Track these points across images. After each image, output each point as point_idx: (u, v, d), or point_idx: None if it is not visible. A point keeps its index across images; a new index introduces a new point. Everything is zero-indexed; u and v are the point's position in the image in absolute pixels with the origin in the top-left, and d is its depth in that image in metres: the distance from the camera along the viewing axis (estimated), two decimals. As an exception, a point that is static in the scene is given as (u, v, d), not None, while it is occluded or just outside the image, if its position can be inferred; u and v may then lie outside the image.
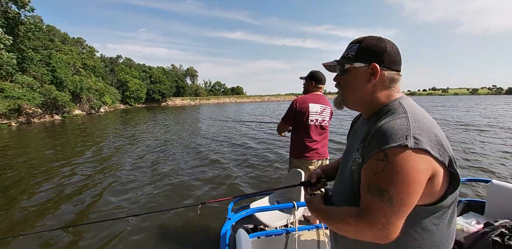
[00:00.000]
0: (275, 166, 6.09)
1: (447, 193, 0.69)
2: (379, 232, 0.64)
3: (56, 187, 4.92)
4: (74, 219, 3.61)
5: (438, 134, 0.68)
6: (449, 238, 0.75)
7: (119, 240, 3.08)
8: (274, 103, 61.36)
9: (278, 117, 17.82)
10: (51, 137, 12.02)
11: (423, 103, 44.58)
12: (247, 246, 1.36)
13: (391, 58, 0.79)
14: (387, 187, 0.64)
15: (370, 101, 0.82)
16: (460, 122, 13.71)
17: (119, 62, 58.93)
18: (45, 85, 20.73)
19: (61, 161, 6.93)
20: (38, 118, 19.08)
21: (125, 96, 47.97)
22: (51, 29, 33.25)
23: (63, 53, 27.50)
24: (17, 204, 4.11)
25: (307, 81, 2.49)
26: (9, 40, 15.27)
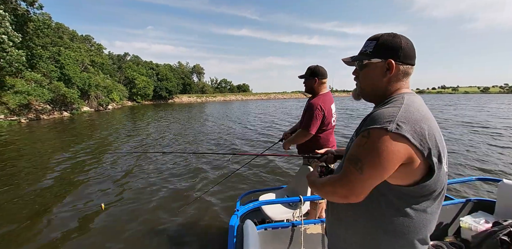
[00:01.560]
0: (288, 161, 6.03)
1: (421, 180, 0.78)
2: (347, 192, 0.79)
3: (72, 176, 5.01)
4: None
5: (425, 127, 0.75)
6: (425, 226, 0.84)
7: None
8: (280, 101, 60.89)
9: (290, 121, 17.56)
10: (60, 132, 12.23)
11: (433, 101, 43.56)
12: (254, 235, 1.41)
13: (406, 53, 0.86)
14: (362, 158, 0.76)
15: (383, 94, 0.91)
16: (472, 123, 13.30)
17: (127, 59, 59.53)
18: (53, 82, 21.06)
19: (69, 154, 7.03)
20: (47, 115, 19.44)
21: (133, 94, 48.45)
22: (59, 26, 33.73)
23: (71, 50, 27.89)
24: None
25: (308, 80, 2.32)
26: (18, 37, 15.52)
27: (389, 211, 0.83)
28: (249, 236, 1.38)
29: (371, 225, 0.86)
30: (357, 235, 0.91)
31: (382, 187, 0.81)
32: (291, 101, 51.68)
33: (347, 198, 0.80)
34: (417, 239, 0.85)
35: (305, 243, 1.81)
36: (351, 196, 0.79)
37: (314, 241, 1.88)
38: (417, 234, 0.84)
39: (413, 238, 0.84)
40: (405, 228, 0.82)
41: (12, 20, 16.13)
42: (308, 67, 2.32)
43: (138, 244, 2.91)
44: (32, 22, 18.53)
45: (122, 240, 3.00)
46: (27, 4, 18.13)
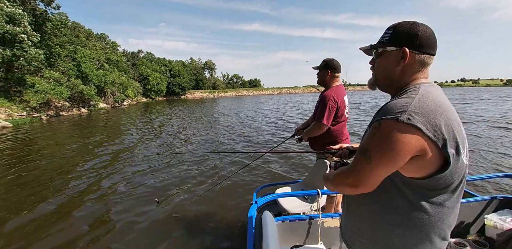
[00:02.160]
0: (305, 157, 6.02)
1: (436, 173, 0.74)
2: (355, 181, 0.79)
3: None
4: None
5: (441, 118, 0.72)
6: (442, 221, 0.81)
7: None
8: (291, 95, 60.36)
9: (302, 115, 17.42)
10: (80, 128, 12.68)
11: (453, 95, 41.72)
12: (272, 226, 1.42)
13: (423, 42, 0.82)
14: (371, 148, 0.76)
15: (398, 83, 0.88)
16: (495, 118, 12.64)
17: (140, 56, 60.58)
18: (71, 79, 21.78)
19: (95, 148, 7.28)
20: (66, 112, 20.19)
21: (147, 90, 49.45)
22: (76, 25, 34.69)
23: (87, 48, 28.69)
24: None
25: (322, 71, 2.33)
26: (36, 37, 16.09)
27: (404, 204, 0.81)
28: (268, 227, 1.39)
29: (386, 218, 0.85)
30: (372, 229, 0.89)
31: (397, 180, 0.81)
32: (303, 96, 50.96)
33: (356, 187, 0.80)
34: (434, 234, 0.82)
35: (322, 237, 1.81)
36: (359, 186, 0.79)
37: (331, 234, 1.87)
38: (434, 228, 0.81)
39: (430, 232, 0.81)
40: (420, 222, 0.80)
41: (31, 20, 16.72)
42: (324, 60, 2.33)
43: (154, 234, 3.01)
44: (50, 22, 19.12)
45: (140, 229, 3.13)
46: (45, 4, 18.70)
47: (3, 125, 12.72)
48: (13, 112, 15.03)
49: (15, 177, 5.11)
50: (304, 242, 1.90)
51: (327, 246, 1.85)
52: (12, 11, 14.62)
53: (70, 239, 2.96)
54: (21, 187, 4.56)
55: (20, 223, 3.31)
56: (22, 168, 5.71)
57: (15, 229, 3.17)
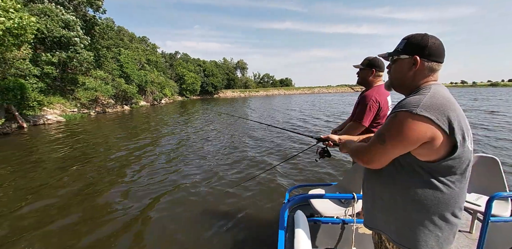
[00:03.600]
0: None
1: (447, 155, 0.88)
2: (369, 158, 0.99)
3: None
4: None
5: (449, 111, 0.87)
6: (453, 198, 0.93)
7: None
8: (321, 95, 58.60)
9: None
10: (123, 123, 13.67)
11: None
12: (305, 226, 1.42)
13: (432, 51, 0.97)
14: (385, 133, 0.93)
15: (410, 86, 1.03)
16: None
17: (177, 57, 63.65)
18: (116, 79, 23.64)
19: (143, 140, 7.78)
20: (111, 108, 21.99)
21: (182, 89, 51.86)
22: (120, 29, 37.57)
23: (130, 50, 30.92)
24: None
25: (364, 70, 2.22)
26: (87, 40, 17.70)
27: (420, 184, 0.93)
28: (300, 226, 1.38)
29: (405, 196, 0.97)
30: (393, 209, 1.01)
31: (413, 164, 0.93)
32: (339, 96, 49.15)
33: (368, 164, 1.01)
34: (448, 211, 0.94)
35: (356, 243, 1.73)
36: (371, 163, 0.99)
37: (366, 241, 1.79)
38: (448, 206, 0.93)
39: (444, 210, 0.93)
40: (436, 200, 0.92)
41: (82, 25, 18.43)
42: (366, 58, 2.23)
43: (187, 225, 3.15)
44: (98, 26, 20.92)
45: (175, 217, 3.33)
46: (93, 10, 20.50)
47: (58, 119, 14.23)
48: (66, 109, 16.76)
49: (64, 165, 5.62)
50: (337, 246, 1.84)
51: None
52: (68, 18, 16.26)
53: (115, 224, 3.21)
54: (79, 177, 4.99)
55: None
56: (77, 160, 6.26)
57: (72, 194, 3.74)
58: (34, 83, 13.01)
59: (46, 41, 15.72)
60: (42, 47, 16.07)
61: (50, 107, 15.12)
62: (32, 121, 12.73)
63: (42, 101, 13.04)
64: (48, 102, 14.50)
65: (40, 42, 15.69)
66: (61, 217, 3.33)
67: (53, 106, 15.69)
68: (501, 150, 6.06)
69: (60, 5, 17.43)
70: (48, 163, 5.87)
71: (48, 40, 15.64)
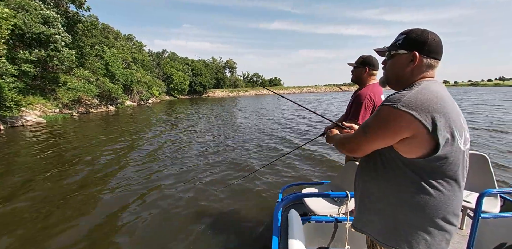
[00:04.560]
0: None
1: (430, 154, 0.86)
2: (352, 147, 1.03)
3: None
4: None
5: (436, 106, 0.84)
6: (445, 203, 0.89)
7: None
8: (311, 95, 59.24)
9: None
10: (108, 124, 13.23)
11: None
12: (298, 224, 1.41)
13: (431, 48, 0.94)
14: (369, 124, 0.95)
15: (406, 82, 0.99)
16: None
17: (165, 56, 62.51)
18: (100, 78, 22.88)
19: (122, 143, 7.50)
20: (95, 109, 21.27)
21: (170, 89, 51.00)
22: (105, 27, 36.44)
23: (115, 48, 30.02)
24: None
25: (358, 68, 2.22)
26: (69, 38, 17.03)
27: (407, 183, 0.91)
28: (293, 225, 1.38)
29: (393, 195, 0.95)
30: (380, 206, 1.00)
31: (398, 160, 0.92)
32: (327, 95, 49.83)
33: (351, 152, 1.04)
34: (437, 216, 0.90)
35: (350, 241, 1.74)
36: (353, 151, 1.02)
37: (359, 239, 1.76)
38: (437, 210, 0.89)
39: (433, 214, 0.89)
40: (423, 202, 0.89)
41: (63, 22, 17.71)
42: (360, 56, 2.24)
43: (178, 225, 3.12)
44: (81, 24, 20.18)
45: (165, 218, 3.29)
46: (76, 6, 19.75)
47: (38, 120, 13.60)
48: (47, 109, 16.06)
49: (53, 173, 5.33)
50: (330, 245, 1.83)
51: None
52: (47, 13, 15.56)
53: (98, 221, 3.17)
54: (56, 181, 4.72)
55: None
56: (60, 165, 5.95)
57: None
58: (11, 82, 12.36)
59: (25, 38, 14.98)
60: (21, 45, 15.31)
61: (29, 108, 14.43)
62: (10, 123, 12.10)
63: (20, 101, 12.43)
64: (27, 103, 13.84)
65: (18, 39, 14.94)
66: (33, 223, 3.13)
67: (33, 107, 14.99)
68: (482, 147, 6.24)
69: (40, 0, 16.67)
70: (23, 167, 5.55)
71: (27, 37, 14.90)
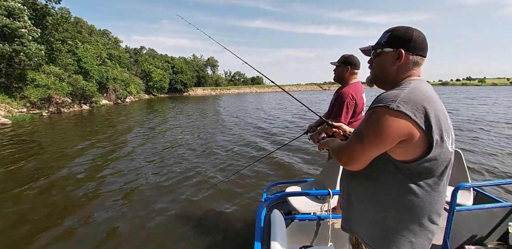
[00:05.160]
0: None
1: (424, 155, 0.84)
2: (347, 159, 0.92)
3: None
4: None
5: (428, 107, 0.83)
6: (430, 203, 0.89)
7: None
8: (294, 93, 60.07)
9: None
10: (80, 125, 12.56)
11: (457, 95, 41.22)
12: (281, 225, 1.41)
13: (416, 45, 0.94)
14: (364, 130, 0.88)
15: (393, 80, 0.99)
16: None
17: (143, 53, 60.37)
18: (72, 75, 21.62)
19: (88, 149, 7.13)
20: (67, 108, 20.07)
21: (149, 87, 49.23)
22: (78, 21, 34.47)
23: (89, 43, 28.48)
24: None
25: (340, 67, 2.27)
26: (37, 32, 15.94)
27: (395, 186, 0.90)
28: (276, 226, 1.38)
29: (380, 198, 0.94)
30: (367, 208, 0.98)
31: (389, 163, 0.89)
32: (307, 94, 50.73)
33: (348, 164, 0.94)
34: (423, 216, 0.90)
35: (333, 238, 1.77)
36: (351, 163, 0.92)
37: (342, 236, 1.81)
38: (423, 210, 0.89)
39: (419, 214, 0.89)
40: (410, 203, 0.88)
41: (31, 14, 16.55)
42: (342, 55, 2.28)
43: (162, 229, 3.04)
44: (51, 17, 18.95)
45: (147, 225, 3.15)
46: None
47: (2, 121, 12.63)
48: (13, 109, 14.96)
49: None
50: (314, 243, 1.86)
51: (337, 248, 1.81)
52: (12, 5, 14.45)
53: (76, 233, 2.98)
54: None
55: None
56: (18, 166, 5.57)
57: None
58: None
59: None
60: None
61: (-8, 107, 13.37)
62: (-31, 124, 11.15)
63: (-19, 100, 11.46)
64: (-11, 102, 12.80)
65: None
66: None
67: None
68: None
69: (3, -9, 15.43)
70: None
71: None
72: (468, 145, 6.68)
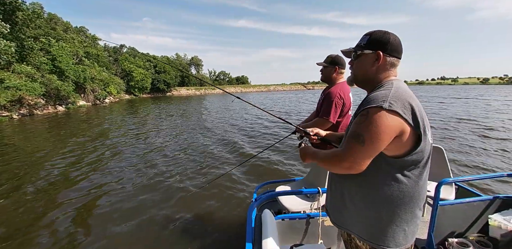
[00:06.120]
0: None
1: (413, 149, 0.91)
2: (349, 164, 0.91)
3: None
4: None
5: (413, 104, 0.90)
6: (417, 191, 0.96)
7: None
8: (279, 93, 60.57)
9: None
10: (53, 128, 11.90)
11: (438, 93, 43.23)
12: (272, 224, 1.42)
13: (393, 47, 1.02)
14: (363, 132, 0.89)
15: (373, 80, 1.05)
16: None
17: (123, 51, 58.33)
18: (46, 75, 20.42)
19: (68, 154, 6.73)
20: (41, 110, 18.90)
21: (130, 87, 47.65)
22: (52, 17, 32.71)
23: (64, 41, 27.04)
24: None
25: (328, 68, 2.29)
26: (6, 28, 14.93)
27: (387, 180, 0.95)
28: (267, 225, 1.38)
29: (372, 192, 0.98)
30: (362, 208, 1.01)
31: (380, 160, 0.94)
32: (292, 93, 51.28)
33: (350, 169, 0.92)
34: (414, 204, 0.97)
35: (323, 236, 1.79)
36: (353, 168, 0.91)
37: (331, 233, 1.86)
38: (413, 199, 0.96)
39: (410, 203, 0.96)
40: (401, 194, 0.95)
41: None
42: (329, 55, 2.29)
43: (151, 231, 2.97)
44: (21, 12, 17.80)
45: (135, 226, 3.10)
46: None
47: (-32, 123, 11.70)
48: (-20, 111, 13.90)
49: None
50: (304, 241, 1.88)
51: (327, 245, 1.82)
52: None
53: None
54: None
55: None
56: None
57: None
58: None
59: None
60: None
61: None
62: None
63: None
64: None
65: None
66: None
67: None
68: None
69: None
70: None
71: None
72: (449, 143, 6.99)
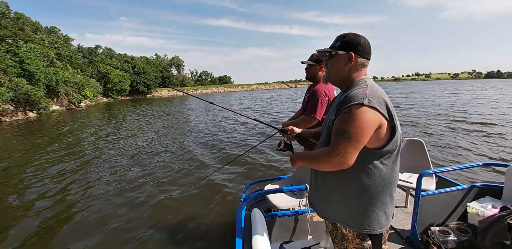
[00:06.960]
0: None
1: (390, 139, 1.01)
2: (340, 159, 0.96)
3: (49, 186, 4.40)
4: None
5: (386, 100, 1.00)
6: (393, 176, 1.07)
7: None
8: (262, 92, 60.78)
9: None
10: (20, 136, 11.16)
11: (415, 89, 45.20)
12: (261, 223, 1.43)
13: (364, 49, 1.10)
14: (348, 129, 0.95)
15: (346, 79, 1.14)
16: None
17: (99, 52, 55.98)
18: (13, 79, 19.11)
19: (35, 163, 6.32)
20: (9, 117, 17.72)
21: (107, 89, 45.80)
22: (20, 17, 30.65)
23: (33, 42, 25.40)
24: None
25: (313, 66, 2.30)
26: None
27: (369, 170, 1.03)
28: (257, 224, 1.39)
29: (358, 186, 1.05)
30: (347, 198, 1.08)
31: (362, 153, 1.00)
32: (274, 92, 51.63)
33: (340, 165, 0.97)
34: (391, 189, 1.08)
35: (312, 231, 1.82)
36: (343, 163, 0.96)
37: (320, 228, 1.90)
38: (391, 185, 1.07)
39: (389, 188, 1.06)
40: (382, 181, 1.04)
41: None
42: (313, 54, 2.29)
43: (140, 230, 2.95)
44: (-18, 12, 16.54)
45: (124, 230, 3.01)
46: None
47: None
48: None
49: None
50: (294, 238, 1.90)
51: (316, 240, 1.84)
52: None
53: None
54: None
55: None
56: None
57: None
58: None
59: None
60: None
61: None
62: None
63: None
64: None
65: None
66: None
67: None
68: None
69: None
70: None
71: None
72: (427, 136, 7.30)
